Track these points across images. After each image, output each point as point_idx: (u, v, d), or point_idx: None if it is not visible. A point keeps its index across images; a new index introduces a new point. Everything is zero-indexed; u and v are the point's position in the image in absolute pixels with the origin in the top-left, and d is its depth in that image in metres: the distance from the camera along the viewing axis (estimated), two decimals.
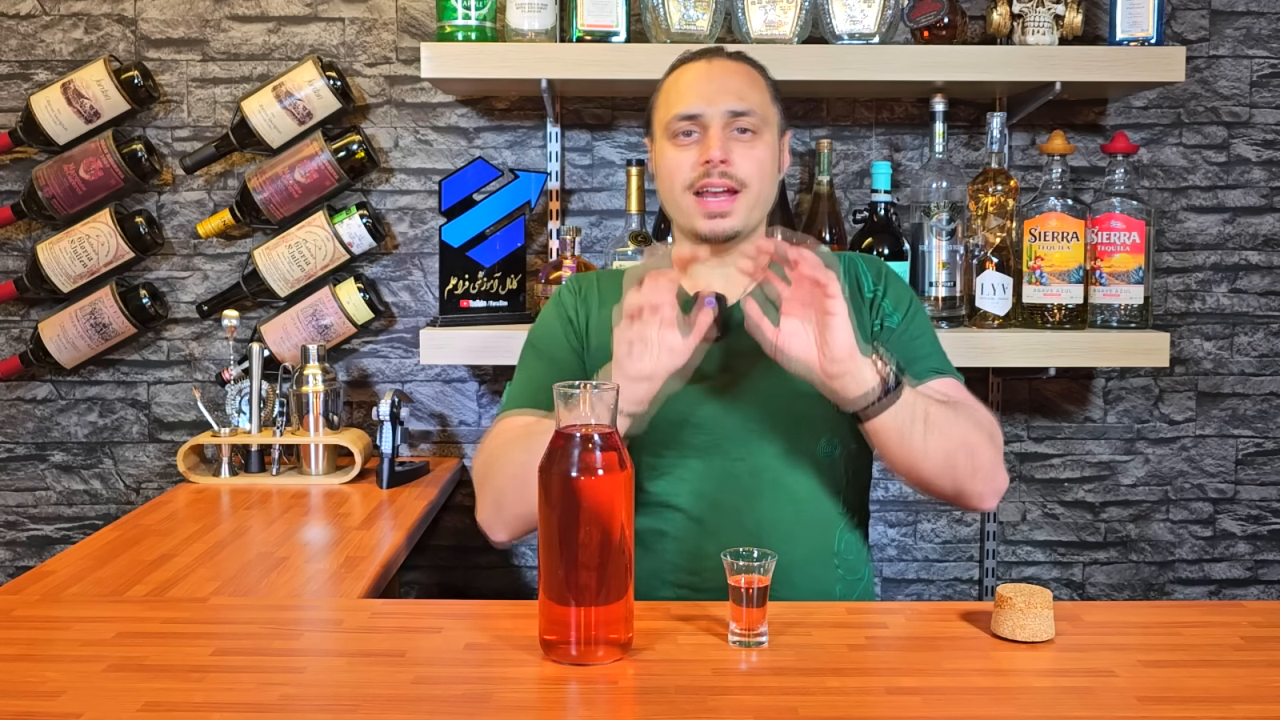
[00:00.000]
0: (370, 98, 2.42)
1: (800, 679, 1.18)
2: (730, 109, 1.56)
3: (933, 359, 1.62)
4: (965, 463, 1.50)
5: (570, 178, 2.44)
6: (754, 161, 1.57)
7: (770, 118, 1.61)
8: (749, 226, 1.59)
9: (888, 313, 1.63)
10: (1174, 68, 2.15)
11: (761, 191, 1.58)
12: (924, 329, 1.65)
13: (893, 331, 1.62)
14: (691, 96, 1.57)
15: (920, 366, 1.59)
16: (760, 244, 1.40)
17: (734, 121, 1.56)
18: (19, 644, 1.29)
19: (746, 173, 1.56)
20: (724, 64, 1.62)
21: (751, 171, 1.56)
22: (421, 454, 2.47)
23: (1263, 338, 2.49)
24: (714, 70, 1.60)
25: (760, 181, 1.58)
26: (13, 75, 2.41)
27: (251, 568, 1.65)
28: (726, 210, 1.56)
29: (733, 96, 1.57)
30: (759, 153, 1.57)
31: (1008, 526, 2.52)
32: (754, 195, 1.57)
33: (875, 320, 1.62)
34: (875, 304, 1.63)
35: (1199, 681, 1.18)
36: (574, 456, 1.20)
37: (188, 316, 2.45)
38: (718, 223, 1.56)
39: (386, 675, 1.19)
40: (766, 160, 1.59)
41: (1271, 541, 2.53)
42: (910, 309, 1.64)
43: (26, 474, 2.49)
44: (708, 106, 1.56)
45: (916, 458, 1.48)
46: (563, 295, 1.70)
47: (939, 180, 2.21)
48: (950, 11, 2.22)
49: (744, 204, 1.57)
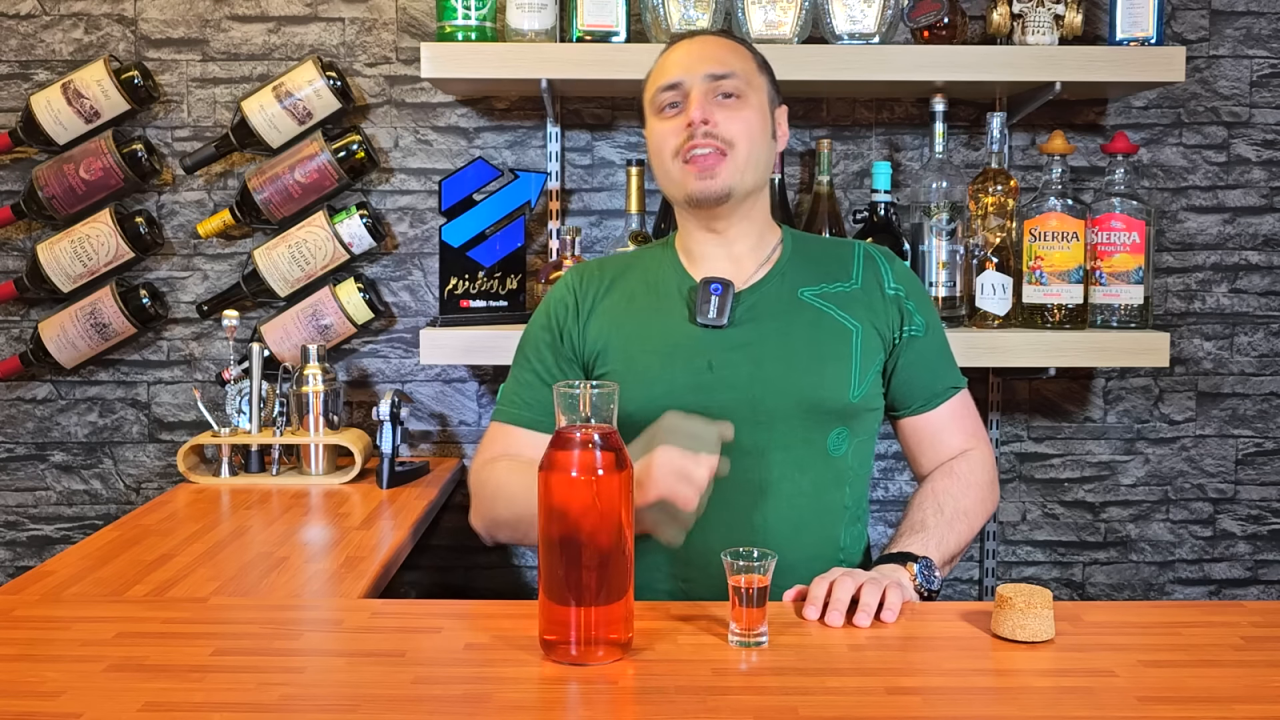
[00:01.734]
0: (370, 98, 2.42)
1: (800, 679, 1.18)
2: (710, 73, 1.56)
3: (950, 374, 1.69)
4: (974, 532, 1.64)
5: (570, 178, 2.44)
6: (740, 121, 1.55)
7: (756, 84, 1.60)
8: (741, 189, 1.56)
9: (915, 320, 1.64)
10: (1174, 68, 2.15)
11: (752, 153, 1.56)
12: (943, 338, 1.70)
13: (917, 340, 1.64)
14: (671, 68, 1.59)
15: (940, 384, 1.67)
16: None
17: (716, 86, 1.56)
18: (19, 644, 1.29)
19: (733, 132, 1.54)
20: (705, 38, 1.63)
21: (738, 131, 1.55)
22: (421, 454, 2.47)
23: (1263, 338, 2.49)
24: (694, 44, 1.61)
25: (749, 142, 1.55)
26: (13, 75, 2.41)
27: (251, 568, 1.65)
28: (715, 169, 1.54)
29: (712, 62, 1.57)
30: (745, 114, 1.56)
31: (1008, 526, 2.52)
32: (743, 156, 1.55)
33: (902, 325, 1.64)
34: (899, 304, 1.64)
35: (1199, 681, 1.18)
36: (574, 456, 1.20)
37: (188, 316, 2.45)
38: (707, 183, 1.54)
39: (386, 675, 1.19)
40: (754, 121, 1.57)
41: (1271, 541, 2.53)
42: (932, 317, 1.68)
43: (26, 474, 2.49)
44: (686, 74, 1.56)
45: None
46: (552, 301, 1.69)
47: (939, 180, 2.21)
48: (950, 11, 2.22)
49: (733, 164, 1.54)
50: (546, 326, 1.67)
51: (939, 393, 1.67)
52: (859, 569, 1.46)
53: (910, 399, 1.66)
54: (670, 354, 1.59)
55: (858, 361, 1.59)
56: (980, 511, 1.64)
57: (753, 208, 1.62)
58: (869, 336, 1.61)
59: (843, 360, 1.58)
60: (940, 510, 1.58)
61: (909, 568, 1.47)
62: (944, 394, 1.67)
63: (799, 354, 1.58)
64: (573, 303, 1.66)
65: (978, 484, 1.64)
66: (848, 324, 1.60)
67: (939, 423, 1.67)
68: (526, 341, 1.69)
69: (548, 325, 1.67)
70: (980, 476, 1.65)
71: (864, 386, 1.59)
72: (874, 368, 1.61)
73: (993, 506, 1.68)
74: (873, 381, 1.61)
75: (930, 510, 1.58)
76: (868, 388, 1.60)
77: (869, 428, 1.64)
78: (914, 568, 1.47)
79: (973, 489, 1.63)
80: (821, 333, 1.59)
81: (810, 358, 1.58)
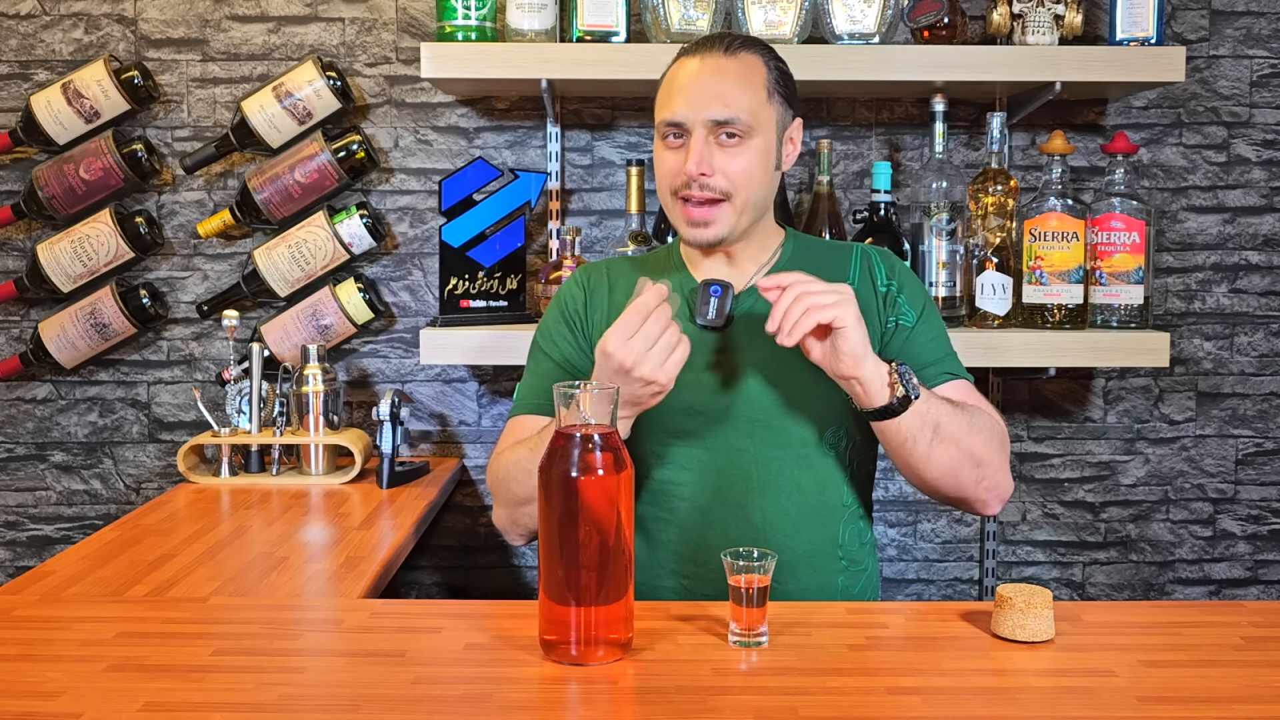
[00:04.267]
0: (370, 98, 2.42)
1: (800, 679, 1.18)
2: (713, 117, 1.52)
3: (947, 361, 1.64)
4: (970, 473, 1.52)
5: (570, 178, 2.44)
6: (736, 170, 1.53)
7: (764, 116, 1.56)
8: (735, 233, 1.57)
9: (903, 310, 1.62)
10: (1174, 68, 2.15)
11: (749, 198, 1.55)
12: (938, 329, 1.65)
13: (908, 330, 1.62)
14: (678, 102, 1.55)
15: (935, 369, 1.61)
16: (762, 284, 1.44)
17: (718, 129, 1.53)
18: (19, 644, 1.29)
19: (730, 180, 1.53)
20: (718, 63, 1.56)
21: (737, 178, 1.54)
22: (421, 454, 2.47)
23: (1263, 338, 2.49)
24: (705, 71, 1.56)
25: (747, 189, 1.55)
26: (13, 75, 2.41)
27: (251, 568, 1.65)
28: (709, 219, 1.54)
29: (718, 103, 1.53)
30: (743, 160, 1.54)
31: (1008, 526, 2.52)
32: (740, 203, 1.55)
33: (890, 316, 1.62)
34: (890, 298, 1.62)
35: (1199, 681, 1.18)
36: (574, 456, 1.21)
37: (188, 316, 2.45)
38: (700, 231, 1.55)
39: (386, 675, 1.19)
40: (754, 165, 1.55)
41: (1271, 541, 2.53)
42: (925, 308, 1.65)
43: (26, 474, 2.49)
44: (691, 114, 1.53)
45: (919, 464, 1.50)
46: (564, 294, 1.70)
47: (939, 180, 2.21)
48: (950, 11, 2.22)
49: (728, 212, 1.55)
50: (560, 318, 1.68)
51: (930, 379, 1.59)
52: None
53: None
54: None
55: None
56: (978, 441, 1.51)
57: (753, 231, 1.61)
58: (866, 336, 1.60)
59: None
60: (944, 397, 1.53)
61: (890, 364, 1.45)
62: (938, 379, 1.60)
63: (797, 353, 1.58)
64: (582, 296, 1.68)
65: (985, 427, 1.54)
66: None
67: None
68: (541, 337, 1.70)
69: (561, 316, 1.68)
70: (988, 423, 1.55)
71: None
72: None
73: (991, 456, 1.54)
74: None
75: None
76: None
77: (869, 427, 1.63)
78: (894, 365, 1.45)
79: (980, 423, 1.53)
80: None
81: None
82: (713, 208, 1.54)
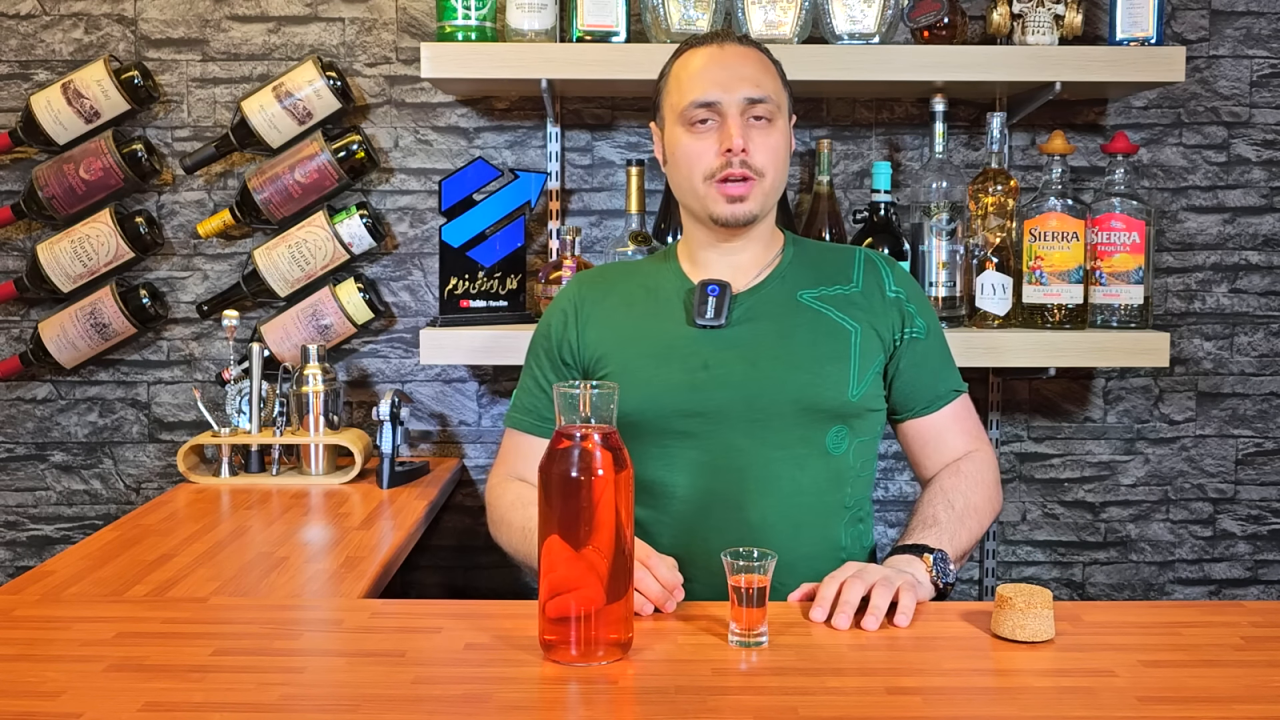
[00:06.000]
0: (370, 98, 2.42)
1: (800, 679, 1.18)
2: (747, 96, 1.56)
3: (952, 377, 1.70)
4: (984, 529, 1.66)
5: (570, 178, 2.44)
6: (770, 150, 1.58)
7: (783, 103, 1.62)
8: (764, 211, 1.61)
9: (915, 321, 1.65)
10: (1174, 68, 2.15)
11: (776, 178, 1.61)
12: (943, 342, 1.71)
13: (919, 342, 1.65)
14: (707, 83, 1.57)
15: (942, 387, 1.68)
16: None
17: (750, 109, 1.57)
18: (19, 644, 1.29)
19: (763, 161, 1.57)
20: (735, 49, 1.62)
21: (768, 160, 1.58)
22: (421, 454, 2.47)
23: (1263, 338, 2.49)
24: (727, 56, 1.60)
25: (775, 169, 1.60)
26: (13, 75, 2.41)
27: (251, 568, 1.65)
28: (745, 195, 1.57)
29: (749, 84, 1.57)
30: (774, 140, 1.59)
31: (1008, 526, 2.52)
32: (770, 182, 1.59)
33: (904, 326, 1.64)
34: (900, 307, 1.65)
35: (1199, 681, 1.18)
36: (574, 456, 1.21)
37: (188, 316, 2.45)
38: (738, 207, 1.57)
39: (386, 675, 1.19)
40: (781, 147, 1.60)
41: (1271, 541, 2.53)
42: (932, 320, 1.69)
43: (26, 474, 2.49)
44: (725, 94, 1.56)
45: None
46: (551, 320, 1.71)
47: (939, 180, 2.21)
48: (950, 11, 2.22)
49: (760, 190, 1.58)
50: (546, 335, 1.71)
51: (941, 395, 1.67)
52: (871, 564, 1.46)
53: (913, 401, 1.67)
54: (666, 355, 1.59)
55: (856, 361, 1.59)
56: (988, 510, 1.64)
57: (764, 224, 1.65)
58: (868, 338, 1.61)
59: (841, 360, 1.59)
60: (951, 506, 1.58)
61: (925, 559, 1.47)
62: (946, 396, 1.68)
63: (796, 353, 1.58)
64: (571, 312, 1.69)
65: (985, 483, 1.65)
66: (846, 325, 1.61)
67: (942, 425, 1.67)
68: (533, 345, 1.73)
69: (547, 334, 1.71)
70: (987, 476, 1.66)
71: (863, 386, 1.59)
72: (873, 368, 1.61)
73: (998, 507, 1.68)
74: (872, 382, 1.61)
75: (941, 506, 1.58)
76: (867, 388, 1.60)
77: (870, 428, 1.64)
78: (930, 559, 1.46)
79: (980, 487, 1.63)
80: (819, 333, 1.60)
81: (807, 357, 1.58)
82: (748, 185, 1.57)
